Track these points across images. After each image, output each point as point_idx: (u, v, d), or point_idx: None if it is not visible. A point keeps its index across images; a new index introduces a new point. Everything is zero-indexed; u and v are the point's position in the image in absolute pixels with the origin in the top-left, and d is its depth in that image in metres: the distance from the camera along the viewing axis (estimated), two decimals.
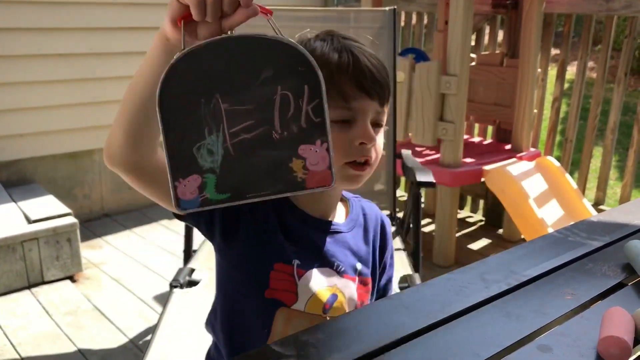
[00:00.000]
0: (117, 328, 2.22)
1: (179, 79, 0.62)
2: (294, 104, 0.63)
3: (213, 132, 0.63)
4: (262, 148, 0.64)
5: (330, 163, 0.65)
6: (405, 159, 2.06)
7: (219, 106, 0.63)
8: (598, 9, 2.79)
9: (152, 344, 1.31)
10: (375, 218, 1.00)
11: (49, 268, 2.54)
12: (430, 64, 2.65)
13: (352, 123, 0.84)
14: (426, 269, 2.70)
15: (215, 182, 0.65)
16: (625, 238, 0.91)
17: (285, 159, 0.64)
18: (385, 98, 0.87)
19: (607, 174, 3.00)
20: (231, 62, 0.63)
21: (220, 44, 0.62)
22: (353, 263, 0.93)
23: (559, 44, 3.18)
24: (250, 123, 0.63)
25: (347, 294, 0.91)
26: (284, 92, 0.63)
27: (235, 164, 0.64)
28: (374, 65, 0.85)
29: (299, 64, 0.63)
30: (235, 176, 0.65)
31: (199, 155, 0.64)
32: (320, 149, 0.64)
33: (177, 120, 0.63)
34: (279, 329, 0.87)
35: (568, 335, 0.63)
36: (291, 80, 0.63)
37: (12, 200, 2.75)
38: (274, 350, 0.58)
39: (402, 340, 0.61)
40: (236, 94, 0.63)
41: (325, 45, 0.86)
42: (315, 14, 2.57)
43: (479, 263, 0.81)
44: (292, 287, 0.87)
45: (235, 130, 0.63)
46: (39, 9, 2.89)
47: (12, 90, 2.91)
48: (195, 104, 0.63)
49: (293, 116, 0.63)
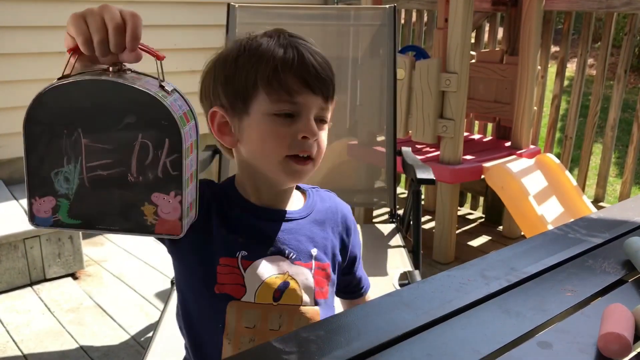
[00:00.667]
0: (119, 325, 2.22)
1: (45, 108, 0.66)
2: (152, 153, 0.66)
3: (71, 162, 0.66)
4: (117, 187, 0.67)
5: (181, 214, 0.67)
6: (405, 156, 2.06)
7: (79, 140, 0.66)
8: (598, 6, 2.79)
9: (154, 341, 1.31)
10: (334, 205, 1.01)
11: (50, 265, 2.54)
12: (430, 62, 2.65)
13: (295, 117, 0.85)
14: (426, 266, 2.71)
15: (68, 207, 0.68)
16: (625, 235, 0.91)
17: (137, 202, 0.67)
18: (329, 95, 0.88)
19: (606, 171, 3.00)
20: (97, 102, 0.65)
21: (90, 84, 0.65)
22: (307, 249, 0.93)
23: (558, 41, 3.18)
24: (107, 161, 0.66)
25: (300, 281, 0.90)
26: (144, 141, 0.65)
27: (88, 195, 0.67)
28: (319, 62, 0.87)
29: (163, 119, 0.65)
30: (87, 207, 0.68)
31: (56, 180, 0.67)
32: (173, 200, 0.67)
33: (39, 144, 0.67)
34: (232, 323, 0.87)
35: (568, 331, 0.64)
36: (153, 131, 0.65)
37: (14, 198, 2.75)
38: (275, 347, 0.59)
39: (403, 337, 0.62)
40: (97, 132, 0.66)
41: (272, 41, 0.87)
42: (315, 12, 2.57)
43: (479, 260, 0.81)
44: (239, 279, 0.87)
45: (92, 165, 0.66)
46: (40, 7, 2.89)
47: (13, 88, 2.91)
48: (57, 133, 0.66)
49: (150, 164, 0.66)
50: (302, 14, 2.32)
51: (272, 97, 0.85)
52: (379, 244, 1.97)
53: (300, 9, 2.36)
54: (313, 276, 0.92)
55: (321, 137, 0.89)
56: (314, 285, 0.92)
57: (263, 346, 0.60)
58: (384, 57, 2.19)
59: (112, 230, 0.68)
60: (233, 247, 0.88)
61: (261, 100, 0.85)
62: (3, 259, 2.41)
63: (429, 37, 3.58)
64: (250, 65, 0.86)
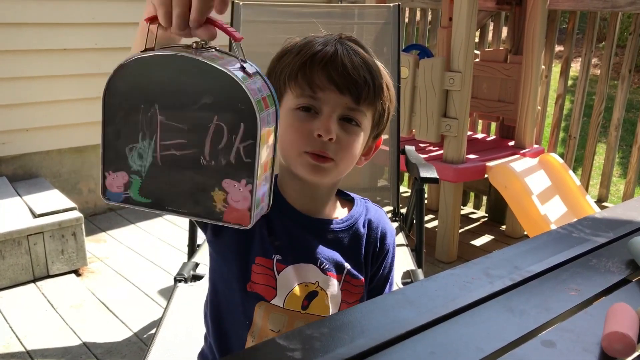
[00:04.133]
0: (122, 322, 2.23)
1: (125, 79, 0.64)
2: (227, 137, 0.63)
3: (146, 138, 0.65)
4: (189, 169, 0.65)
5: (251, 205, 0.64)
6: (409, 154, 2.06)
7: (155, 117, 0.64)
8: (602, 6, 2.78)
9: (157, 338, 1.31)
10: (376, 222, 0.97)
11: (54, 262, 2.55)
12: (434, 60, 2.65)
13: (316, 114, 0.84)
14: (429, 265, 2.71)
15: (139, 185, 0.67)
16: (629, 235, 0.91)
17: (208, 186, 0.65)
18: (360, 96, 0.84)
19: (610, 170, 3.00)
20: (176, 79, 0.63)
21: (170, 59, 0.63)
22: (340, 261, 0.91)
23: (562, 40, 3.18)
24: (181, 141, 0.64)
25: (329, 292, 0.89)
26: (219, 123, 0.63)
27: (160, 174, 0.66)
28: (353, 61, 0.83)
29: (240, 102, 0.62)
30: (159, 186, 0.66)
31: (130, 156, 0.66)
32: (243, 189, 0.64)
33: (117, 117, 0.65)
34: (259, 322, 0.88)
35: (572, 330, 0.64)
36: (229, 114, 0.62)
37: (18, 195, 2.76)
38: (279, 343, 0.59)
39: (406, 335, 0.62)
40: (174, 110, 0.64)
41: (321, 39, 0.86)
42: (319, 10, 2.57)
43: (483, 258, 0.81)
44: (272, 281, 0.87)
45: (166, 144, 0.64)
46: (44, 4, 2.89)
47: (17, 85, 2.92)
48: (135, 108, 0.64)
49: (224, 149, 0.63)
50: (306, 12, 2.32)
51: (296, 92, 0.84)
52: None
53: (304, 7, 2.36)
54: (342, 289, 0.91)
55: (345, 139, 0.85)
56: (342, 298, 0.91)
57: (267, 343, 0.60)
58: (388, 56, 2.19)
59: (181, 212, 0.66)
60: (269, 249, 0.88)
61: (289, 95, 0.86)
62: (7, 255, 2.41)
63: (432, 35, 3.58)
64: (289, 60, 0.85)
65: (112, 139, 0.66)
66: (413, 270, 1.66)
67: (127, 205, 0.68)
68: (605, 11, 2.81)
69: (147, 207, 0.67)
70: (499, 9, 3.20)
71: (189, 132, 0.64)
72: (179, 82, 0.63)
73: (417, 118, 2.76)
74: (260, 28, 2.15)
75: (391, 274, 1.01)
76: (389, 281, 1.01)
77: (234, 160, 0.63)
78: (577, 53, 3.38)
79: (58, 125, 3.10)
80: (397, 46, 2.15)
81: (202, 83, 0.62)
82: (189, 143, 0.64)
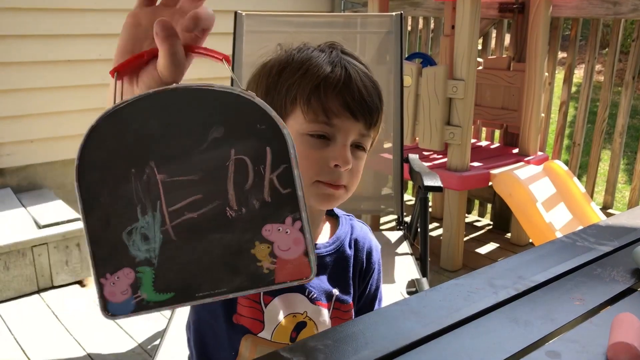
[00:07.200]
0: (126, 332, 2.23)
1: (101, 144, 0.50)
2: (252, 171, 0.50)
3: (148, 211, 0.50)
4: (214, 230, 0.50)
5: (306, 247, 0.50)
6: (413, 163, 2.06)
7: (154, 177, 0.50)
8: (605, 13, 2.78)
9: (161, 348, 1.31)
10: (362, 241, 0.95)
11: (58, 273, 2.55)
12: (437, 69, 2.65)
13: (329, 141, 0.80)
14: (433, 274, 2.70)
15: (152, 277, 0.51)
16: (634, 243, 0.91)
17: (244, 244, 0.50)
18: (372, 122, 0.83)
19: (615, 177, 2.99)
20: (169, 121, 0.50)
21: (154, 99, 0.50)
22: (328, 289, 0.89)
23: (566, 47, 3.18)
24: (196, 198, 0.50)
25: (318, 322, 0.87)
26: (239, 157, 0.49)
27: (178, 253, 0.50)
28: (366, 86, 0.82)
29: (258, 121, 0.49)
30: (179, 270, 0.51)
31: (131, 243, 0.50)
32: (291, 230, 0.50)
33: (101, 198, 0.50)
34: (245, 355, 0.86)
35: (577, 341, 0.63)
36: (248, 142, 0.49)
37: (22, 206, 2.77)
38: (282, 356, 0.59)
39: (411, 346, 0.61)
40: (177, 161, 0.50)
41: (322, 56, 0.82)
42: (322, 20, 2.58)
43: (487, 268, 0.81)
44: (259, 315, 0.85)
45: (176, 208, 0.50)
46: (48, 16, 2.91)
47: (22, 97, 2.94)
48: (123, 176, 0.50)
49: (253, 187, 0.50)
50: (309, 22, 2.33)
51: (308, 116, 0.79)
52: (386, 252, 1.97)
53: (307, 16, 2.37)
54: (331, 317, 0.89)
55: (356, 166, 0.82)
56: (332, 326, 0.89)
57: (271, 355, 0.60)
58: (391, 64, 2.19)
59: (218, 294, 0.51)
60: None
61: (297, 117, 0.80)
62: (11, 266, 2.42)
63: (435, 44, 3.59)
64: (294, 79, 0.81)
65: (100, 229, 0.50)
66: (418, 279, 1.66)
67: (140, 313, 0.51)
68: (608, 18, 2.81)
69: (171, 303, 0.51)
70: (502, 16, 3.21)
71: (203, 182, 0.50)
72: (174, 124, 0.50)
73: (420, 126, 2.76)
74: (264, 38, 2.15)
75: (379, 291, 0.99)
76: (378, 298, 0.99)
77: (270, 196, 0.50)
78: (580, 60, 3.38)
79: (62, 137, 3.11)
80: (399, 55, 2.15)
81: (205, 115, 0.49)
82: (206, 197, 0.50)
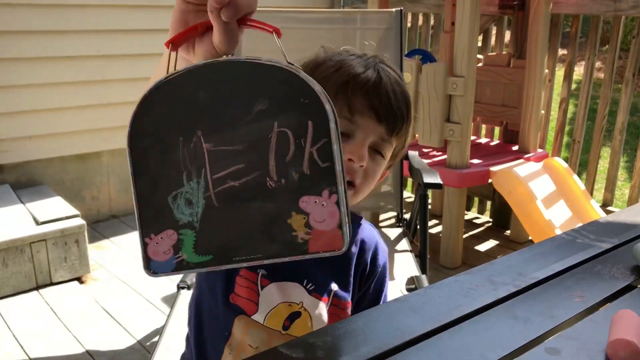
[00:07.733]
0: (125, 329, 2.23)
1: (152, 112, 0.53)
2: (294, 144, 0.52)
3: (193, 177, 0.53)
4: (254, 199, 0.53)
5: (340, 220, 0.52)
6: (412, 160, 2.06)
7: (200, 146, 0.53)
8: (605, 10, 2.78)
9: (160, 345, 1.31)
10: (369, 242, 0.95)
11: (57, 269, 2.55)
12: (437, 65, 2.65)
13: (350, 138, 0.81)
14: (433, 271, 2.69)
15: (194, 240, 0.54)
16: (634, 240, 0.90)
17: (282, 214, 0.53)
18: (395, 128, 0.83)
19: (615, 175, 2.98)
20: (217, 93, 0.52)
21: (203, 71, 0.53)
22: (328, 283, 0.89)
23: (566, 44, 3.17)
24: (239, 167, 0.53)
25: (313, 314, 0.87)
26: (282, 130, 0.52)
27: (219, 218, 0.53)
28: (395, 92, 0.83)
29: (302, 95, 0.52)
30: (219, 234, 0.54)
31: (175, 206, 0.53)
32: (327, 202, 0.52)
33: (150, 163, 0.53)
34: (237, 336, 0.86)
35: (577, 338, 0.63)
36: (291, 114, 0.52)
37: (21, 202, 2.76)
38: (281, 352, 0.58)
39: (410, 343, 0.61)
40: (222, 131, 0.52)
41: (357, 59, 0.84)
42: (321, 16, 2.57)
43: (487, 265, 0.81)
44: (254, 296, 0.85)
45: (220, 176, 0.53)
46: (47, 12, 2.90)
47: (20, 93, 2.93)
48: (171, 144, 0.53)
49: (293, 160, 0.52)
50: (308, 18, 2.32)
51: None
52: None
53: (306, 12, 2.36)
54: (328, 312, 0.89)
55: (371, 168, 0.83)
56: (327, 322, 0.89)
57: (269, 352, 0.60)
58: (391, 61, 2.18)
59: (254, 259, 0.54)
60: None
61: None
62: (9, 263, 2.41)
63: (435, 40, 3.58)
64: (326, 74, 0.82)
65: (147, 193, 0.53)
66: (417, 276, 1.66)
67: (180, 272, 0.55)
68: (609, 15, 2.81)
69: (209, 265, 0.54)
70: (502, 13, 3.20)
71: (246, 152, 0.52)
72: (222, 96, 0.52)
73: (420, 123, 2.76)
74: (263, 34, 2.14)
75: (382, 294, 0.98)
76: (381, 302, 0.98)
77: (309, 169, 0.52)
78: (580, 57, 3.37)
79: (61, 133, 3.11)
80: (399, 51, 2.15)
81: (251, 87, 0.52)
82: (248, 166, 0.52)
